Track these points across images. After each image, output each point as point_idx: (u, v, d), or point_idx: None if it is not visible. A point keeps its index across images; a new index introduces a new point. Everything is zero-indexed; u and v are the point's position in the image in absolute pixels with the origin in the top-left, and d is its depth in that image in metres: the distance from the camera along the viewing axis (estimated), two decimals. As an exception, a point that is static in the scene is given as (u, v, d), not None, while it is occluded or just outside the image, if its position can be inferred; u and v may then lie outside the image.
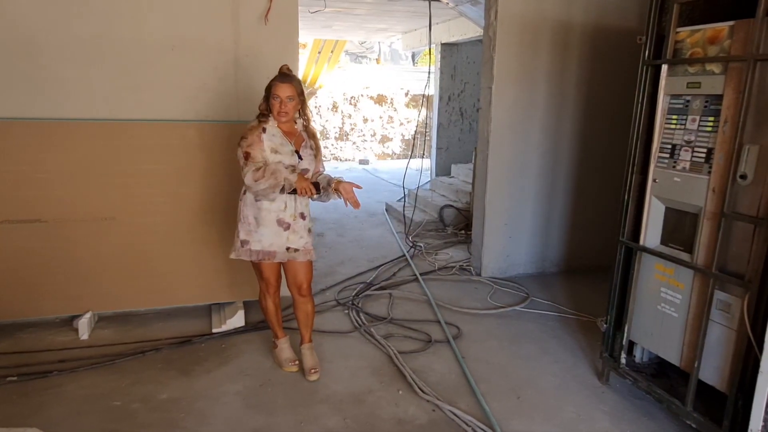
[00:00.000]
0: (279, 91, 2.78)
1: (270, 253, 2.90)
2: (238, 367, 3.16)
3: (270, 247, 2.89)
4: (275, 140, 2.83)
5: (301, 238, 2.93)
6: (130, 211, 3.58)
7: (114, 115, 3.52)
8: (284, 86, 2.78)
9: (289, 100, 2.79)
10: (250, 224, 2.88)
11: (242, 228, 2.89)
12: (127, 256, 3.62)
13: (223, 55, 3.67)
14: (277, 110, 2.80)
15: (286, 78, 2.83)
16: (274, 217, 2.87)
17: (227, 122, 3.73)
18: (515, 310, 4.07)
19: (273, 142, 2.82)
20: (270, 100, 2.81)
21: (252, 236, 2.88)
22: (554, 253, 4.91)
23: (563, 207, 4.81)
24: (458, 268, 4.95)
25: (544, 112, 4.57)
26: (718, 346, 2.40)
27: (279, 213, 2.87)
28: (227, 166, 3.69)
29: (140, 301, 3.72)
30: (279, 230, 2.88)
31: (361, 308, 4.01)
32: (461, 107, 9.27)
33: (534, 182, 4.69)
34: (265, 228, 2.86)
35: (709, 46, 2.41)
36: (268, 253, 2.90)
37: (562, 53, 4.49)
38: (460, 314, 3.97)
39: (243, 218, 2.89)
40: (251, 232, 2.88)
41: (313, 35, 11.98)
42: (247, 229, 2.88)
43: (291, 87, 2.80)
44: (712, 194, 2.40)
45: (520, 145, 4.57)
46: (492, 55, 4.38)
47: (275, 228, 2.87)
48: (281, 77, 2.83)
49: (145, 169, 3.58)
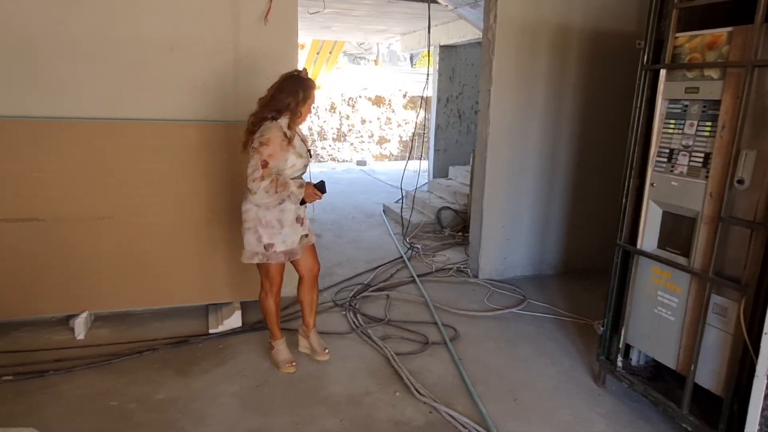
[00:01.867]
0: (315, 97, 2.85)
1: (293, 251, 2.97)
2: (235, 367, 3.16)
3: (293, 245, 2.96)
4: (297, 143, 2.86)
5: (306, 222, 3.08)
6: (127, 210, 3.58)
7: (112, 114, 3.51)
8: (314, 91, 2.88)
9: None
10: (273, 227, 2.88)
11: (264, 232, 2.88)
12: (124, 256, 3.61)
13: (222, 56, 3.67)
14: (308, 115, 2.89)
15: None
16: (293, 216, 2.94)
17: (226, 122, 3.73)
18: (512, 312, 4.07)
19: (297, 146, 2.85)
20: (305, 103, 2.82)
21: (276, 238, 2.90)
22: (552, 256, 4.92)
23: (561, 209, 4.83)
24: (455, 270, 4.96)
25: (543, 114, 4.59)
26: (714, 350, 2.41)
27: (297, 211, 2.97)
28: (226, 166, 3.70)
29: (137, 301, 3.72)
30: (297, 226, 2.98)
31: (358, 309, 4.01)
32: (459, 109, 9.28)
33: (532, 184, 4.70)
34: (287, 228, 2.92)
35: (707, 52, 2.42)
36: (291, 251, 2.96)
37: (561, 56, 4.51)
38: (457, 316, 3.97)
39: (265, 223, 2.87)
40: (275, 235, 2.89)
41: (312, 36, 11.99)
42: (271, 232, 2.88)
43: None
44: (709, 198, 2.41)
45: (518, 148, 4.59)
46: (491, 57, 4.39)
47: (295, 226, 2.96)
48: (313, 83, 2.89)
49: (143, 169, 3.57)
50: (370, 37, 11.31)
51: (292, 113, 2.80)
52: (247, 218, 2.90)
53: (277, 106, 2.77)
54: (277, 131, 2.75)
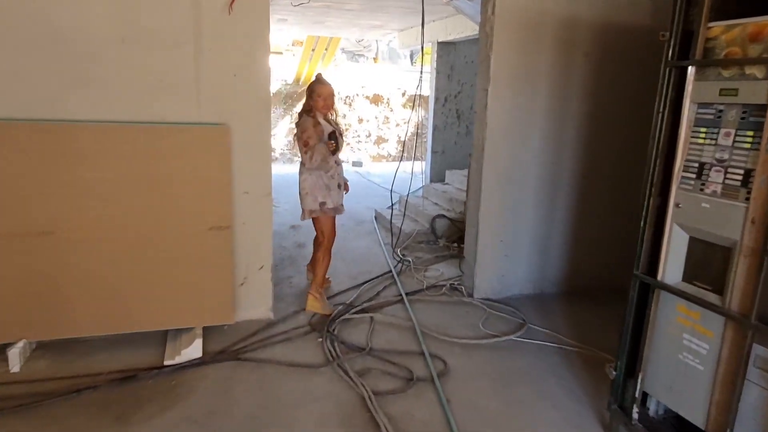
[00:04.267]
0: (322, 91, 3.83)
1: (337, 208, 3.96)
2: (186, 411, 2.72)
3: (337, 204, 3.94)
4: (323, 124, 3.84)
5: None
6: (71, 224, 3.13)
7: (52, 115, 3.08)
8: (327, 87, 3.85)
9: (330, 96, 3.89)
10: (324, 189, 3.85)
11: (319, 194, 3.84)
12: (69, 276, 3.17)
13: (181, 49, 3.22)
14: (320, 105, 3.82)
15: (326, 82, 3.88)
16: (337, 182, 3.92)
17: (186, 124, 3.29)
18: (510, 339, 3.63)
19: (323, 125, 3.84)
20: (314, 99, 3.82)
21: (327, 198, 3.87)
22: (554, 273, 4.47)
23: (565, 222, 4.37)
24: (449, 288, 4.50)
25: (546, 117, 4.13)
26: (755, 411, 1.97)
27: (338, 179, 3.94)
28: (185, 175, 3.26)
29: (83, 328, 3.27)
30: (341, 192, 3.98)
31: (336, 336, 3.57)
32: (458, 109, 8.84)
33: (533, 194, 4.25)
34: (333, 191, 3.90)
35: (750, 45, 1.97)
36: (336, 208, 3.95)
37: (567, 52, 4.05)
38: (448, 344, 3.52)
39: (319, 187, 3.84)
40: (326, 196, 3.86)
41: (306, 31, 11.54)
42: (324, 193, 3.85)
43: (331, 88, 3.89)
44: (750, 226, 1.96)
45: (518, 154, 4.13)
46: (489, 53, 3.94)
47: (338, 190, 3.94)
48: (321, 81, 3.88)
49: (90, 178, 3.13)
50: (366, 33, 10.86)
51: (314, 107, 3.83)
52: (305, 186, 3.86)
53: (305, 105, 3.89)
54: (307, 121, 3.79)
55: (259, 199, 3.59)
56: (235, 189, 3.48)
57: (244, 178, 3.51)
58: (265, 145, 3.58)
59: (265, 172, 3.58)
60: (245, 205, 3.55)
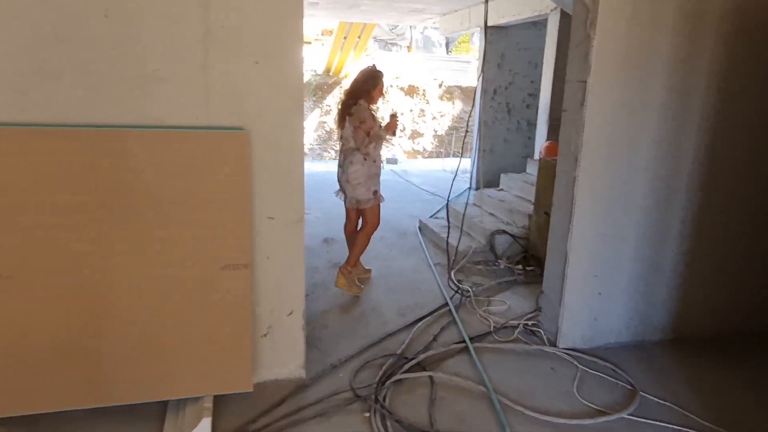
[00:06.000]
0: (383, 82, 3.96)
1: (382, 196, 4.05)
2: None
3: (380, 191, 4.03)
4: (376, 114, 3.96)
5: None
6: (37, 266, 2.31)
7: (12, 117, 2.26)
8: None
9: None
10: (373, 178, 3.90)
11: (371, 183, 3.90)
12: (35, 334, 2.36)
13: (183, 25, 2.36)
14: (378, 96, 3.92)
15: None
16: (380, 171, 4.00)
17: (191, 129, 2.44)
18: (622, 418, 2.70)
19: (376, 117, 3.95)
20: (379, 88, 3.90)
21: (378, 186, 3.96)
22: (662, 316, 3.50)
23: (678, 253, 3.40)
24: (523, 330, 3.59)
25: (660, 118, 3.15)
26: None
27: (380, 168, 4.02)
28: (188, 195, 2.41)
29: (56, 400, 2.46)
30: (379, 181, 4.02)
31: (387, 408, 2.69)
32: (508, 102, 7.87)
33: (639, 219, 3.28)
34: (378, 179, 3.98)
35: None
36: (381, 196, 4.03)
37: (693, 31, 3.06)
38: (539, 424, 2.62)
39: (370, 176, 3.87)
40: (377, 183, 3.95)
41: (339, 18, 10.63)
42: (375, 181, 3.93)
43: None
44: None
45: (622, 166, 3.18)
46: (589, 33, 2.98)
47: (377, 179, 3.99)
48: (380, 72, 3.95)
49: (61, 203, 2.30)
50: (404, 18, 9.89)
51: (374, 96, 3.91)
52: (357, 176, 3.85)
53: (360, 93, 3.84)
54: (367, 112, 3.83)
55: (289, 225, 2.72)
56: (257, 214, 2.63)
57: (269, 199, 2.65)
58: (296, 154, 2.69)
59: (297, 191, 2.71)
60: (269, 235, 2.69)
